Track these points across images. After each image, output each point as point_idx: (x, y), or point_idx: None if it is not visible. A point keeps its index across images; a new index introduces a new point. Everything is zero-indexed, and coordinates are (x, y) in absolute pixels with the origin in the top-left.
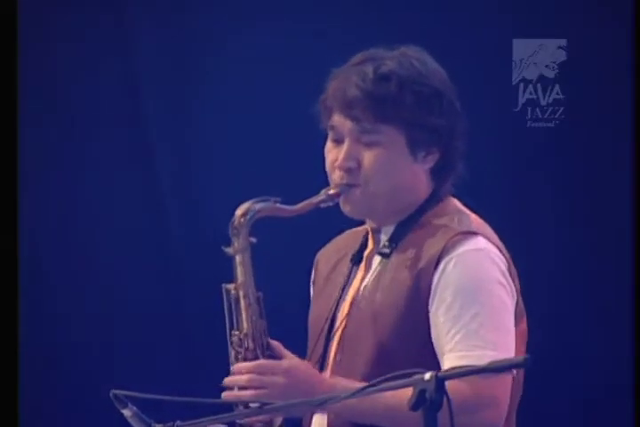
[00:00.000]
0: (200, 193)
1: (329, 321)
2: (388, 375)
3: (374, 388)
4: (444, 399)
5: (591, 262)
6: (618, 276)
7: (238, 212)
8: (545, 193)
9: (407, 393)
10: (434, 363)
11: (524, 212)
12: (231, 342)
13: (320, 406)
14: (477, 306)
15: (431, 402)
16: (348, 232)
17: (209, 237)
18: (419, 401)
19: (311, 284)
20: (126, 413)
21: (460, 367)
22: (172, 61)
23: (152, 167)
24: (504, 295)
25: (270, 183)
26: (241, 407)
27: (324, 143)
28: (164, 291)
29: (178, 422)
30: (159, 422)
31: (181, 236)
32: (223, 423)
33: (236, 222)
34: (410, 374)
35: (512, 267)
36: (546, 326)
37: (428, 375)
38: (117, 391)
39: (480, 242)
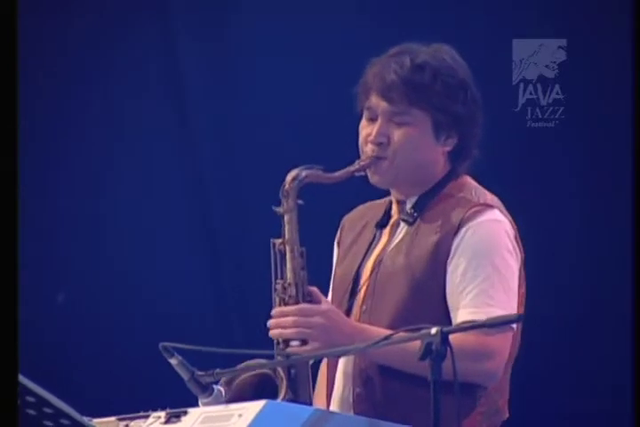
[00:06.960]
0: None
1: (353, 279)
2: (399, 330)
3: (388, 341)
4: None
5: (591, 262)
6: (618, 275)
7: (289, 177)
8: (545, 193)
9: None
10: (446, 318)
11: (524, 211)
12: (275, 290)
13: (342, 355)
14: (490, 269)
15: (437, 353)
16: (370, 203)
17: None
18: (426, 352)
19: (335, 244)
20: (173, 361)
21: (465, 322)
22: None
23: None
24: (513, 262)
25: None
26: (282, 346)
27: (358, 122)
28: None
29: (217, 370)
30: (201, 370)
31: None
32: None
33: (286, 186)
34: (418, 329)
35: (519, 238)
36: (546, 325)
37: (434, 330)
38: (166, 343)
39: (496, 214)
